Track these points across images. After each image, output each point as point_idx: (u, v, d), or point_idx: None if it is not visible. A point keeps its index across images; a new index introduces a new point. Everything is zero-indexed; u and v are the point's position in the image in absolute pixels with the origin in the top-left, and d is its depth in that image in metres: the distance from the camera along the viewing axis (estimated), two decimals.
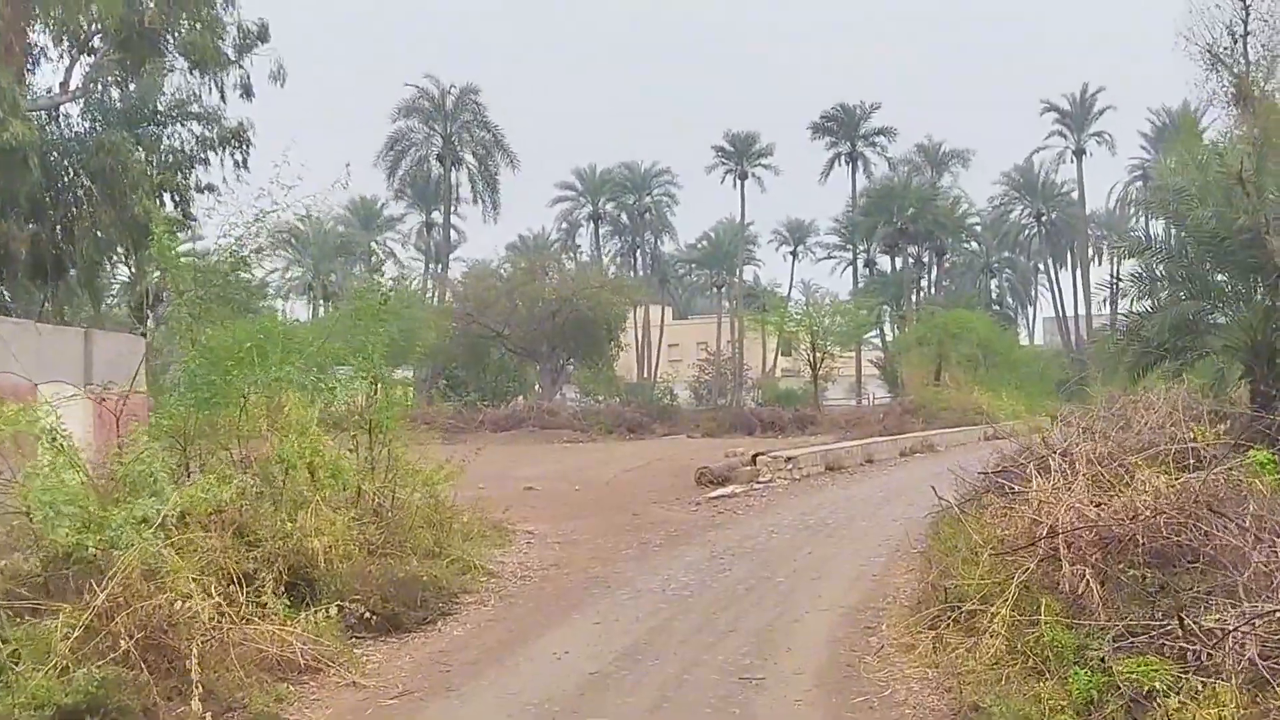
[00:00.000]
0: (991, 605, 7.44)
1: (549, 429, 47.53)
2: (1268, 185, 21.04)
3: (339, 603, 8.46)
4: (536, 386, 58.60)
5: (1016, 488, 9.45)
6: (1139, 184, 78.52)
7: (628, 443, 43.10)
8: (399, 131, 57.75)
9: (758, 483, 21.31)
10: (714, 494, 19.73)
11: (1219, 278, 23.31)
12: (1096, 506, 7.71)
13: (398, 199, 61.56)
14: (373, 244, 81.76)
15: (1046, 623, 6.75)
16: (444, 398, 56.22)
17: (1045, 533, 7.59)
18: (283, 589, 8.89)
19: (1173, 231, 24.86)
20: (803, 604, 10.04)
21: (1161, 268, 23.68)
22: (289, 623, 7.96)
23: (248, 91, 31.48)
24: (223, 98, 30.87)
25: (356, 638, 8.81)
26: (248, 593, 8.44)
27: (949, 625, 7.83)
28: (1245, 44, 36.25)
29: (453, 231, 73.19)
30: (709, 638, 8.73)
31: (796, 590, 10.74)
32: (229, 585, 8.40)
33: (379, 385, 14.32)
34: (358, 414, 14.11)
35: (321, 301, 71.11)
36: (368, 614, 8.58)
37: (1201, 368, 24.10)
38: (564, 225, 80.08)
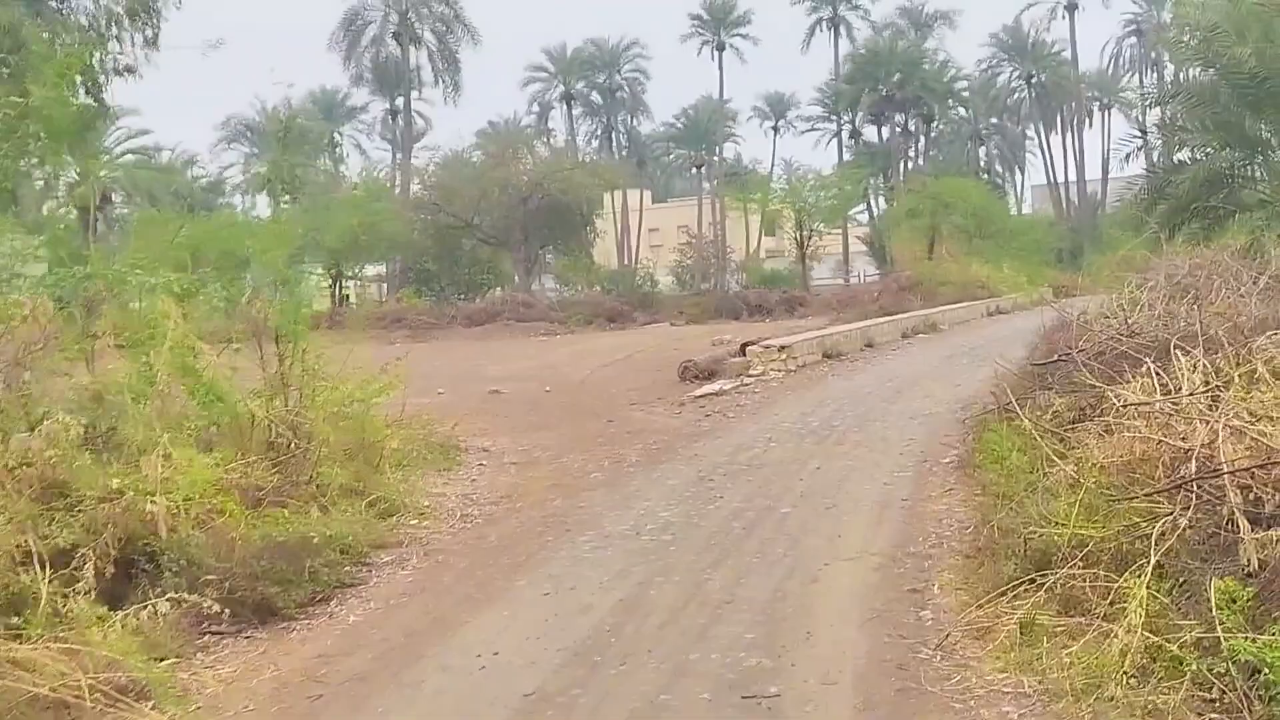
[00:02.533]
0: (1109, 573, 5.05)
1: (525, 322, 44.93)
2: None
3: (173, 595, 5.99)
4: (516, 278, 55.96)
5: (1110, 392, 6.94)
6: (1133, 40, 75.01)
7: (607, 334, 40.61)
8: (353, 9, 53.73)
9: (749, 376, 18.89)
10: (700, 392, 17.33)
11: (1258, 126, 20.77)
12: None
13: (356, 84, 57.62)
14: (336, 134, 78.01)
15: (1221, 616, 4.34)
16: (416, 293, 53.58)
17: (1200, 470, 5.15)
18: (112, 570, 6.48)
19: (1199, 75, 22.17)
20: (819, 550, 7.66)
21: (1192, 116, 21.08)
22: (90, 631, 5.54)
23: None
24: None
25: (213, 634, 6.43)
26: (53, 581, 6.03)
27: (1035, 595, 5.46)
28: None
29: (419, 119, 69.42)
30: (698, 617, 6.33)
31: (809, 527, 8.36)
32: (23, 571, 5.99)
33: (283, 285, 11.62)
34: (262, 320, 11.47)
35: (285, 196, 67.72)
36: (216, 606, 6.09)
37: (1233, 228, 21.78)
38: (536, 108, 76.13)
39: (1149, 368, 6.56)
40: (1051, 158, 74.64)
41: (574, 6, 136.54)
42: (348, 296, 63.34)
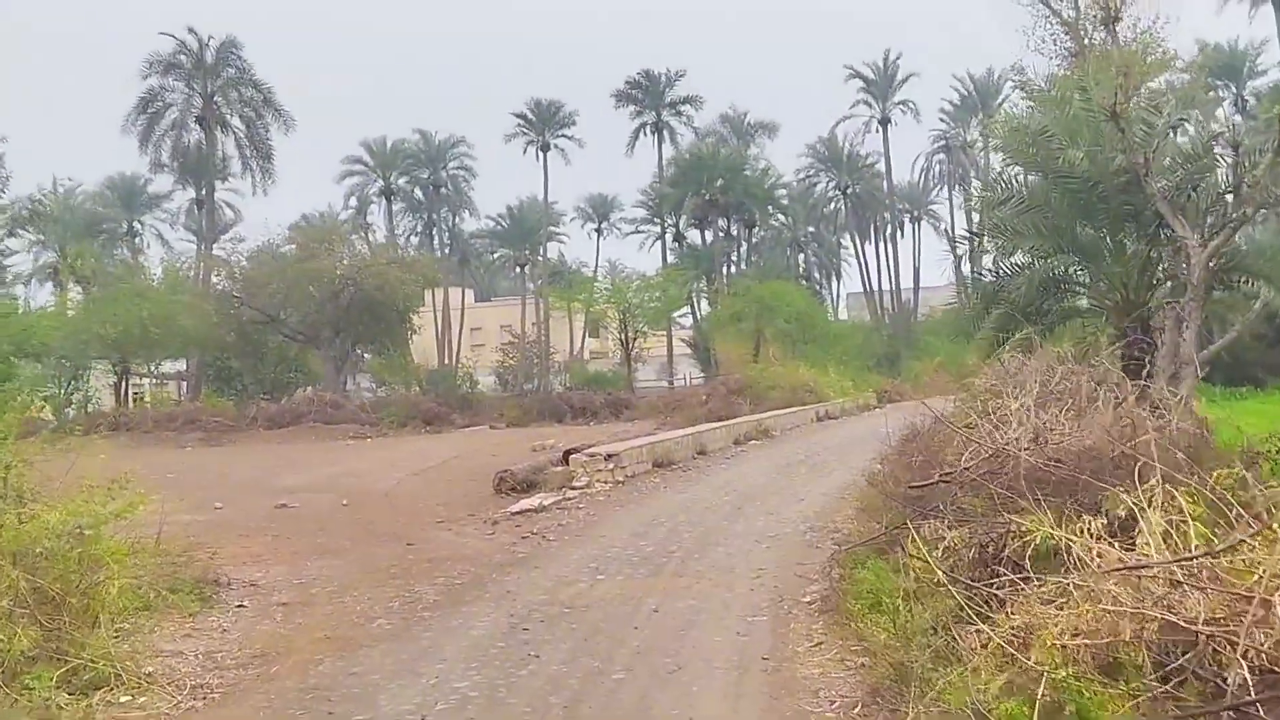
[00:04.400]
0: None
1: (333, 424, 41.87)
2: (1134, 124, 18.32)
3: None
4: (325, 377, 52.74)
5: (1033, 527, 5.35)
6: (941, 156, 78.35)
7: (422, 438, 38.09)
8: (151, 90, 50.33)
9: (572, 488, 17.01)
10: (518, 507, 15.31)
11: (1089, 230, 20.62)
12: None
13: (156, 170, 53.69)
14: (137, 223, 73.27)
15: None
16: (217, 393, 49.62)
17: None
18: None
19: (1027, 179, 22.09)
20: None
21: (1023, 220, 20.80)
22: None
23: None
24: None
25: None
26: None
27: None
28: None
29: (228, 210, 65.76)
30: None
31: (649, 704, 6.45)
32: None
33: None
34: None
35: (72, 286, 62.51)
36: None
37: (1065, 333, 21.50)
38: (353, 202, 73.42)
39: (1101, 503, 5.05)
40: (866, 265, 76.76)
41: (397, 102, 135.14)
42: (140, 396, 58.59)
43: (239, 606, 10.06)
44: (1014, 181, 21.41)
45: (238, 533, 15.08)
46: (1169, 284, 19.02)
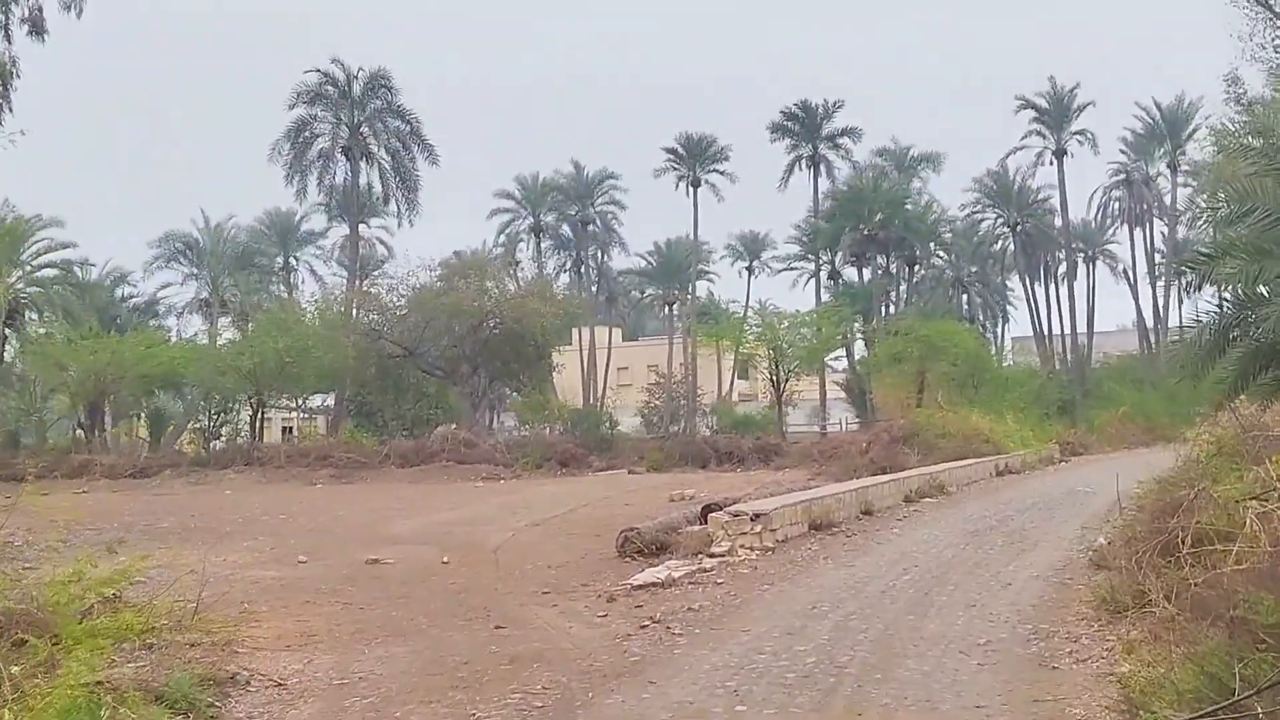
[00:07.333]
0: None
1: (466, 464, 39.83)
2: None
3: None
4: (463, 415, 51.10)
5: None
6: (1120, 192, 72.42)
7: (555, 481, 35.59)
8: (300, 119, 49.89)
9: (710, 554, 13.95)
10: (640, 579, 12.31)
11: None
12: None
13: (300, 198, 53.20)
14: (293, 259, 73.68)
15: None
16: (359, 428, 48.42)
17: None
18: None
19: (1268, 186, 18.08)
20: None
21: (1268, 235, 16.91)
22: None
23: (36, 28, 24.10)
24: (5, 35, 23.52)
25: None
26: None
27: None
28: None
29: (380, 246, 65.38)
30: None
31: None
32: None
33: None
34: None
35: (222, 319, 62.94)
36: None
37: None
38: (502, 239, 72.10)
39: None
40: (1036, 307, 71.34)
41: (550, 142, 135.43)
42: (289, 429, 58.15)
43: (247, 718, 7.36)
44: (1260, 188, 17.47)
45: (307, 597, 12.57)
46: None
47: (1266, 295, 17.12)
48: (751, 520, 14.47)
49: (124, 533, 19.18)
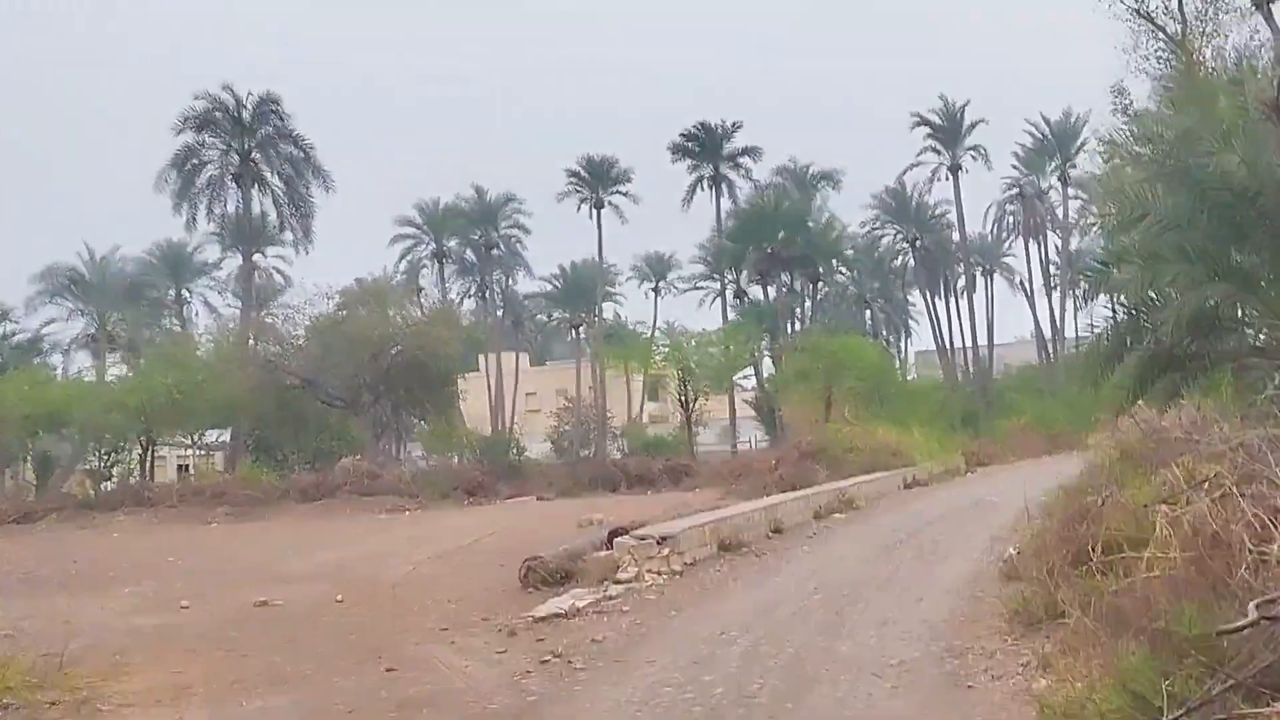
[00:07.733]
0: None
1: (371, 495, 38.51)
2: None
3: None
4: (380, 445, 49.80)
5: None
6: (1014, 206, 74.07)
7: (462, 511, 34.67)
8: (187, 146, 48.25)
9: (617, 580, 13.45)
10: (544, 610, 11.76)
11: (1247, 254, 17.00)
12: None
13: (190, 229, 51.39)
14: (185, 291, 71.23)
15: None
16: (258, 463, 46.74)
17: None
18: None
19: (1161, 195, 18.32)
20: None
21: (1162, 243, 17.13)
22: None
23: None
24: None
25: None
26: None
27: None
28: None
29: (278, 276, 63.55)
30: None
31: None
32: None
33: None
34: None
35: (111, 355, 60.53)
36: None
37: (1219, 380, 17.81)
38: (404, 265, 70.73)
39: None
40: (937, 321, 72.57)
41: (450, 168, 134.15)
42: (185, 467, 56.04)
43: None
44: (1151, 194, 17.69)
45: (187, 645, 11.73)
46: None
47: (1160, 301, 17.36)
48: (659, 544, 14.03)
49: None
